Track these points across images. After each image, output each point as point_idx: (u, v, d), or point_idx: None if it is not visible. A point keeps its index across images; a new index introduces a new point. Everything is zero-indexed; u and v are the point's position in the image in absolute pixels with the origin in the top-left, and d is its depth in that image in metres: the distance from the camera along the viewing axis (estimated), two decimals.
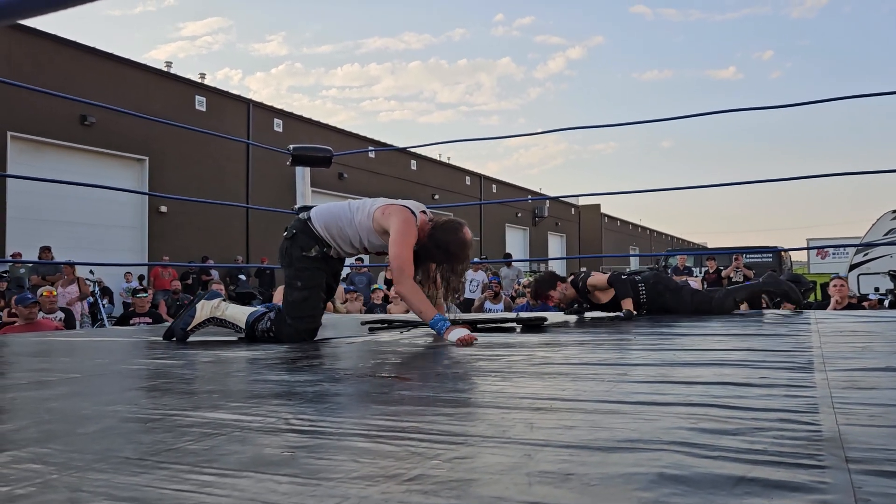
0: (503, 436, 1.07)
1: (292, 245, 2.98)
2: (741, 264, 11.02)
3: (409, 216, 2.88)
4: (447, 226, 2.95)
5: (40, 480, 0.87)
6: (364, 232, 2.93)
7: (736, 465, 0.86)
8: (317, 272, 2.96)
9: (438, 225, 2.96)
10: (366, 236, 2.94)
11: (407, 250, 2.83)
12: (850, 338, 2.47)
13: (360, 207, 2.98)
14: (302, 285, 2.92)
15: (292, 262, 2.97)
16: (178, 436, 1.11)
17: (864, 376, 1.59)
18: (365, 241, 2.96)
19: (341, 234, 2.95)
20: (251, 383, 1.77)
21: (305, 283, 2.92)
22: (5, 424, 1.30)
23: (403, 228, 2.84)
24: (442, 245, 2.92)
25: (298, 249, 2.95)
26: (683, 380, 1.57)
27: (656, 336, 2.75)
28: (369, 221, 2.92)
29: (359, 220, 2.94)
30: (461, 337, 2.59)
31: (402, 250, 2.81)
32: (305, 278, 2.93)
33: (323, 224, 2.96)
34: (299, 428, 1.16)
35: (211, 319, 2.94)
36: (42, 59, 13.29)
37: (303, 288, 2.92)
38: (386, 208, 2.92)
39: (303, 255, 2.94)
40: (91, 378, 1.93)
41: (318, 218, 2.99)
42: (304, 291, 2.91)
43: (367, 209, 2.95)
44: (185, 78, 17.09)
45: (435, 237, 2.93)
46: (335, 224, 2.96)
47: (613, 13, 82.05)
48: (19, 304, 5.75)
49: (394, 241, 2.82)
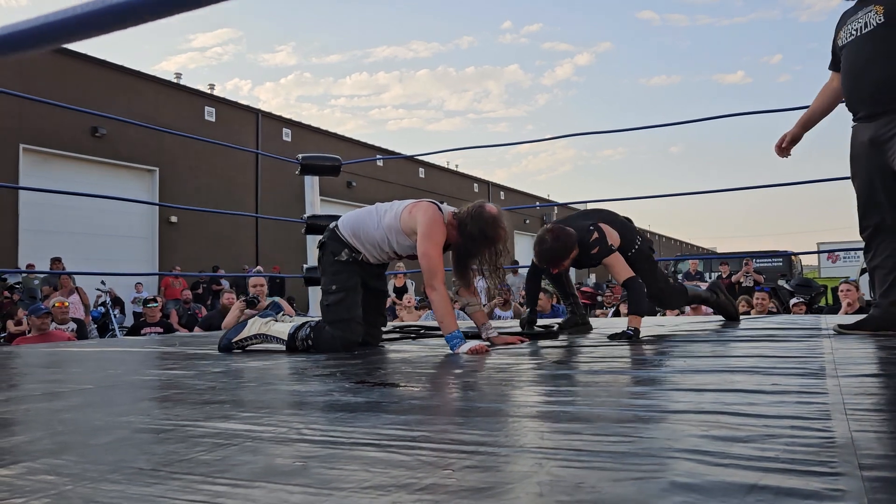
0: (514, 444, 1.08)
1: (324, 254, 2.98)
2: (751, 269, 10.97)
3: (435, 213, 2.81)
4: (472, 213, 2.81)
5: (55, 492, 0.88)
6: (392, 234, 2.87)
7: (748, 473, 0.86)
8: (351, 274, 2.92)
9: (463, 217, 2.83)
10: (394, 238, 2.87)
11: (435, 249, 2.77)
12: (861, 343, 2.45)
13: (389, 209, 2.93)
14: (336, 288, 2.90)
15: (325, 269, 2.96)
16: (191, 446, 1.12)
17: (876, 382, 1.58)
18: (393, 243, 2.88)
19: (369, 238, 2.91)
20: (262, 393, 1.78)
21: (340, 285, 2.90)
22: (19, 436, 1.32)
23: (430, 225, 2.77)
24: (477, 234, 2.79)
25: (330, 255, 2.95)
26: (694, 387, 1.57)
27: (666, 343, 2.74)
28: (397, 222, 2.86)
29: (387, 221, 2.88)
30: (472, 347, 2.57)
31: (429, 248, 2.75)
32: (339, 281, 2.90)
33: (350, 230, 2.94)
34: (311, 438, 1.17)
35: (257, 336, 2.95)
36: (54, 71, 13.42)
37: (337, 290, 2.89)
38: (413, 207, 2.87)
39: (334, 260, 2.93)
40: (103, 389, 1.94)
41: (344, 225, 2.97)
42: (338, 294, 2.88)
43: (396, 209, 2.91)
44: (194, 89, 17.22)
45: (465, 230, 2.81)
46: (362, 229, 2.92)
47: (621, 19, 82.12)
48: (32, 314, 5.79)
49: (421, 239, 2.76)
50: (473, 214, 2.81)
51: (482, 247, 2.84)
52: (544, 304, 6.97)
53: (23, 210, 13.03)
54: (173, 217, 15.95)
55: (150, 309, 7.33)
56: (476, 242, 2.82)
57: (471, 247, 2.85)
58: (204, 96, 17.44)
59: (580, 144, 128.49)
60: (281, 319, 2.97)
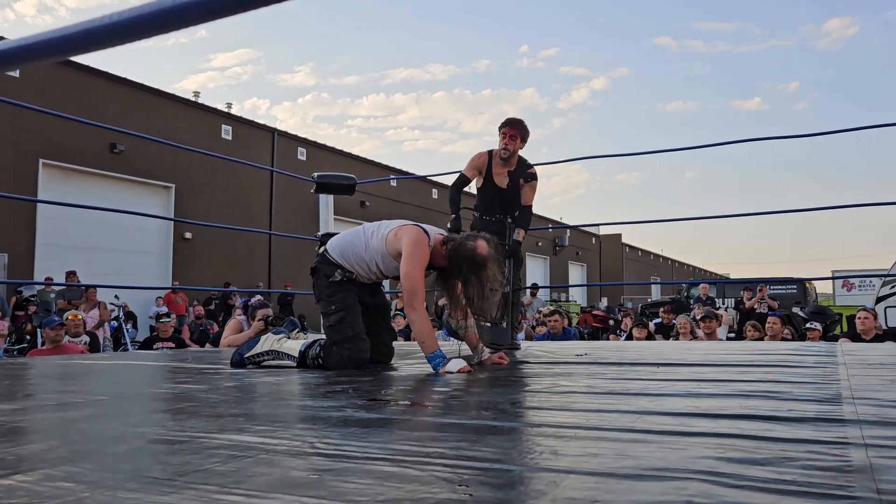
0: (528, 463, 1.07)
1: (317, 279, 3.00)
2: (765, 295, 10.88)
3: (420, 235, 2.84)
4: (463, 241, 2.86)
5: (73, 498, 0.89)
6: (379, 256, 2.91)
7: (765, 496, 0.85)
8: (348, 293, 2.95)
9: (454, 244, 2.87)
10: (380, 259, 2.91)
11: (417, 270, 2.80)
12: (878, 370, 2.43)
13: (375, 231, 2.97)
14: (336, 308, 2.91)
15: (321, 291, 2.98)
16: (206, 457, 1.13)
17: (893, 408, 1.56)
18: (381, 264, 2.92)
19: (358, 260, 2.94)
20: (275, 408, 1.78)
21: (338, 304, 2.91)
22: (36, 444, 1.33)
23: (414, 247, 2.80)
24: (461, 262, 2.82)
25: (324, 279, 2.97)
26: (709, 411, 1.56)
27: (679, 366, 2.72)
28: (382, 245, 2.90)
29: (373, 244, 2.92)
30: (459, 368, 2.59)
31: (412, 268, 2.78)
32: (337, 300, 2.92)
33: (339, 252, 2.97)
34: (325, 452, 1.17)
35: (269, 352, 2.96)
36: (73, 88, 13.65)
37: (337, 310, 2.90)
38: (399, 230, 2.90)
39: (329, 282, 2.95)
40: (118, 400, 1.95)
41: (334, 248, 3.00)
42: (339, 313, 2.90)
43: (382, 232, 2.94)
44: (211, 107, 17.43)
45: (453, 256, 2.84)
46: (351, 251, 2.96)
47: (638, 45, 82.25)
48: (45, 326, 5.83)
49: (404, 259, 2.80)
50: (464, 243, 2.83)
51: (463, 274, 2.84)
52: (557, 326, 6.94)
53: (40, 224, 13.18)
54: (188, 233, 16.07)
55: (162, 324, 7.36)
56: (458, 269, 2.84)
57: (454, 271, 2.87)
58: (221, 114, 17.65)
59: (594, 168, 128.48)
60: (294, 337, 2.98)
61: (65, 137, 13.43)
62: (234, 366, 2.96)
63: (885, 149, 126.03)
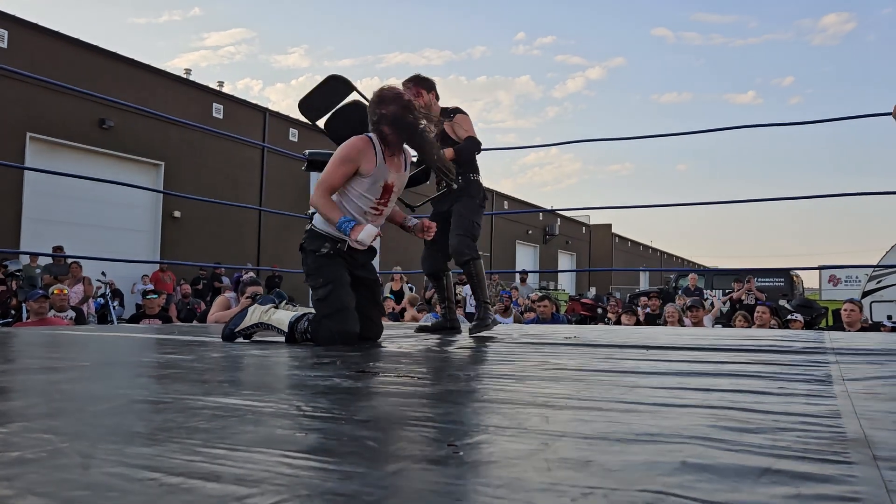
0: (519, 426, 1.06)
1: (306, 254, 2.98)
2: (753, 286, 10.93)
3: (352, 141, 2.91)
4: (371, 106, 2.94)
5: (51, 447, 0.86)
6: (349, 191, 2.93)
7: (761, 458, 0.84)
8: (336, 266, 2.92)
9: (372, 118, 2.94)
10: (352, 191, 2.93)
11: (334, 164, 2.88)
12: (865, 356, 2.43)
13: None
14: (324, 281, 2.89)
15: (309, 267, 2.96)
16: (190, 416, 1.10)
17: (885, 389, 1.56)
18: (357, 188, 2.92)
19: (349, 209, 2.93)
20: (263, 376, 1.76)
21: (326, 277, 2.89)
22: (16, 401, 1.30)
23: (342, 148, 2.91)
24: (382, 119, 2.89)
25: (311, 253, 2.94)
26: (701, 387, 1.55)
27: (669, 349, 2.72)
28: None
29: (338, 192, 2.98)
30: (368, 232, 2.76)
31: (332, 163, 2.90)
32: (325, 274, 2.90)
33: (324, 223, 2.95)
34: (312, 414, 1.15)
35: (259, 324, 2.93)
36: (62, 62, 13.45)
37: (325, 283, 2.88)
38: None
39: (317, 256, 2.92)
40: (101, 366, 1.92)
41: (318, 220, 2.98)
42: (327, 286, 2.87)
43: None
44: (203, 85, 17.23)
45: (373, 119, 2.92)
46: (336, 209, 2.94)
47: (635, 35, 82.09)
48: (29, 299, 5.78)
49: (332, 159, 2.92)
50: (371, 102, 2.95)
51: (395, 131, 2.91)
52: (546, 312, 6.95)
53: (27, 198, 13.02)
54: (176, 212, 15.93)
55: (149, 300, 7.31)
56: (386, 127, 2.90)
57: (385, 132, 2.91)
58: (212, 93, 17.46)
59: (587, 158, 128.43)
60: (283, 308, 2.95)
61: (53, 111, 13.24)
62: (225, 339, 2.93)
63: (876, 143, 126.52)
